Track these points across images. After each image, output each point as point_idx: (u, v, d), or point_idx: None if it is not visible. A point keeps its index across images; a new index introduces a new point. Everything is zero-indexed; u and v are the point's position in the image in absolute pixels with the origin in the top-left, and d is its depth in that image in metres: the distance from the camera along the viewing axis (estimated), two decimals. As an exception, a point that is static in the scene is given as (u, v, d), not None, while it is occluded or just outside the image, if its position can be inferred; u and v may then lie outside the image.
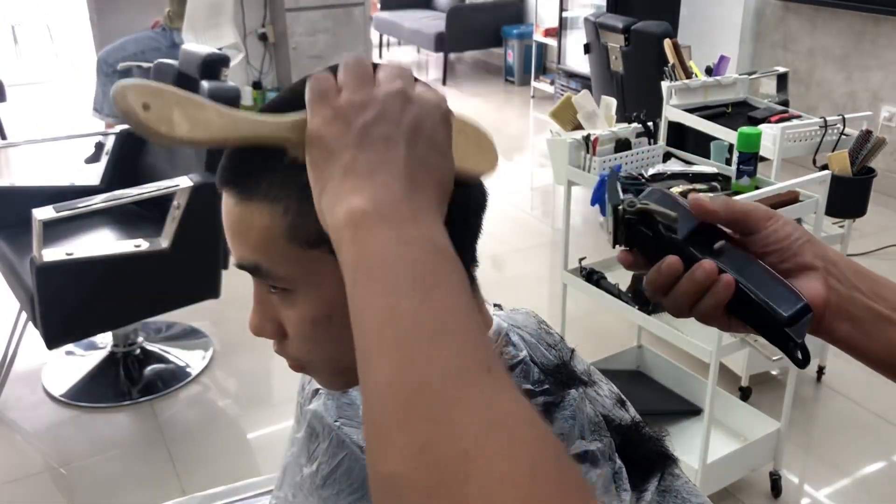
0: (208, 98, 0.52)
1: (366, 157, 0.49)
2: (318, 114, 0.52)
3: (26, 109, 5.92)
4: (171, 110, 0.50)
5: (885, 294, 0.60)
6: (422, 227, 0.48)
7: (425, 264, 0.46)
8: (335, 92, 0.52)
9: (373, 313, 0.45)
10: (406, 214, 0.48)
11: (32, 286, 2.26)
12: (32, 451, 2.50)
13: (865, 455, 2.48)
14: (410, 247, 0.46)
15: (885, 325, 0.59)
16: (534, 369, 0.67)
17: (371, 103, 0.51)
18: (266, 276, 0.60)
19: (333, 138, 0.50)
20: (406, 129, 0.51)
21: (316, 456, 0.75)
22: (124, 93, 0.48)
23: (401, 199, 0.48)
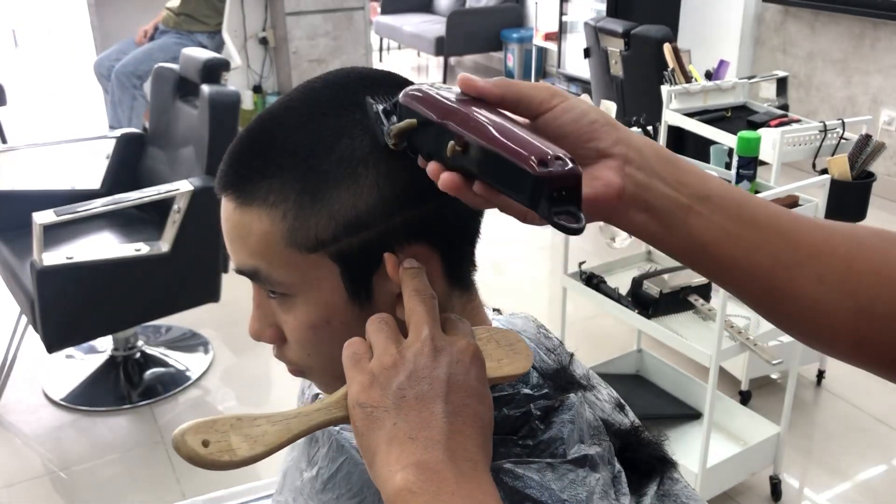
0: None
1: (405, 423, 0.52)
2: (355, 380, 0.54)
3: (27, 113, 5.92)
4: (228, 438, 0.53)
5: (688, 181, 0.55)
6: (465, 496, 0.50)
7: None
8: (368, 355, 0.55)
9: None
10: (450, 486, 0.50)
11: (33, 290, 2.26)
12: (32, 455, 2.50)
13: (865, 459, 2.48)
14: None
15: (683, 213, 0.54)
16: (533, 374, 0.67)
17: (401, 363, 0.53)
18: (265, 280, 0.61)
19: (373, 405, 0.53)
20: (439, 385, 0.53)
21: (316, 460, 0.75)
22: (183, 439, 0.52)
23: (443, 467, 0.50)
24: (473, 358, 0.55)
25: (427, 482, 0.50)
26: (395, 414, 0.52)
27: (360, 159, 0.58)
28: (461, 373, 0.54)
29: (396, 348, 0.54)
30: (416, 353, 0.54)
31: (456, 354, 0.54)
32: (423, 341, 0.54)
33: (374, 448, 0.52)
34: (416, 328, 0.55)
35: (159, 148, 2.89)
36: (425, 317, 0.56)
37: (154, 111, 2.97)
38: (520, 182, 0.49)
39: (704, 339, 2.00)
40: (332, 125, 0.58)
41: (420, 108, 0.55)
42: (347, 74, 0.62)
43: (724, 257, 0.55)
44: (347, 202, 0.57)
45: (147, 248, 2.40)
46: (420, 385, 0.52)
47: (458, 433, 0.52)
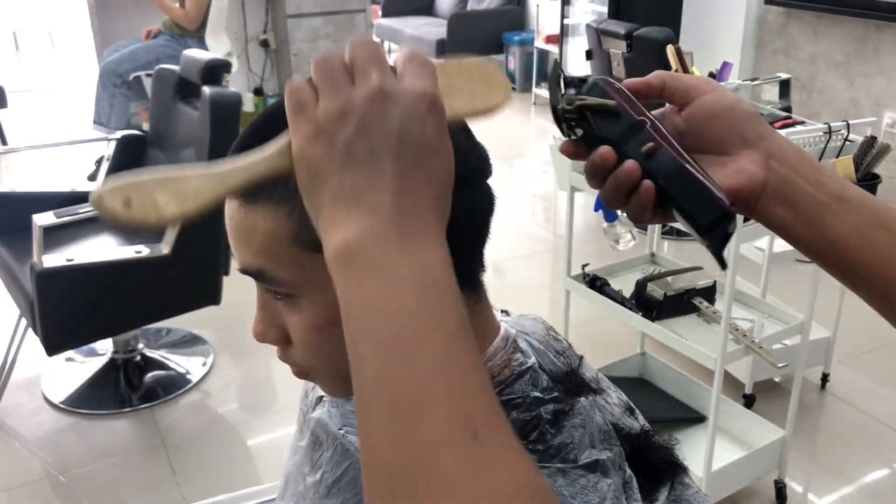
0: None
1: (351, 179, 0.47)
2: (300, 130, 0.49)
3: (27, 115, 5.92)
4: (153, 196, 0.48)
5: (826, 182, 0.58)
6: (411, 259, 0.46)
7: (412, 314, 0.44)
8: (313, 101, 0.49)
9: (365, 373, 0.44)
10: (394, 250, 0.46)
11: (32, 292, 2.25)
12: (32, 459, 2.49)
13: (870, 463, 2.46)
14: (396, 292, 0.45)
15: (821, 211, 0.57)
16: (542, 376, 0.66)
17: (349, 112, 0.47)
18: (270, 281, 0.59)
19: (318, 159, 0.48)
20: (391, 137, 0.47)
21: (320, 465, 0.73)
22: (100, 199, 0.47)
23: (388, 230, 0.46)
24: (431, 106, 0.49)
25: (371, 246, 0.46)
26: (340, 171, 0.47)
27: None
28: (416, 125, 0.48)
29: (345, 94, 0.48)
30: (365, 100, 0.47)
31: (411, 103, 0.48)
32: (372, 86, 0.48)
33: (319, 206, 0.48)
34: (363, 72, 0.48)
35: (160, 149, 2.88)
36: (371, 61, 0.49)
37: (155, 113, 2.96)
38: (703, 206, 0.56)
39: (709, 342, 1.99)
40: None
41: (618, 98, 0.60)
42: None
43: (855, 257, 0.58)
44: None
45: (147, 250, 2.38)
46: (370, 139, 0.47)
47: (408, 193, 0.47)
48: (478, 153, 0.62)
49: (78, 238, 2.60)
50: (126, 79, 4.46)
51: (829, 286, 2.79)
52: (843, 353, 2.87)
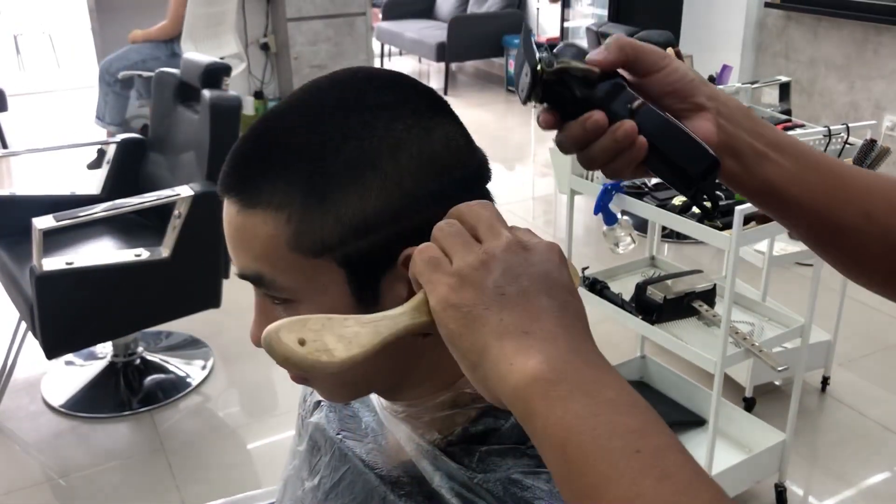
0: None
1: (514, 317, 0.48)
2: (440, 283, 0.50)
3: (28, 119, 5.92)
4: (322, 337, 0.49)
5: (763, 132, 0.64)
6: (609, 384, 0.46)
7: (641, 433, 0.45)
8: (446, 259, 0.51)
9: (615, 493, 0.43)
10: (588, 375, 0.46)
11: (32, 295, 2.25)
12: (31, 462, 2.48)
13: (871, 466, 2.46)
14: (615, 413, 0.45)
15: (760, 159, 0.64)
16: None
17: (492, 261, 0.49)
18: (269, 286, 0.59)
19: (470, 304, 0.48)
20: (539, 279, 0.49)
21: (318, 469, 0.73)
22: (278, 336, 0.48)
23: (572, 355, 0.47)
24: (561, 256, 0.52)
25: (561, 371, 0.46)
26: (498, 311, 0.48)
27: (368, 161, 0.56)
28: (555, 270, 0.51)
29: (482, 247, 0.50)
30: (505, 250, 0.50)
31: (545, 252, 0.51)
32: (508, 239, 0.51)
33: (482, 346, 0.48)
34: (492, 230, 0.51)
35: (160, 153, 2.88)
36: (495, 219, 0.52)
37: (155, 116, 2.97)
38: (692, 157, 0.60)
39: (709, 346, 1.99)
40: (339, 126, 0.57)
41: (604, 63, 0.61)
42: (354, 74, 0.61)
43: (790, 196, 0.65)
44: (355, 205, 0.56)
45: (147, 253, 2.38)
46: (519, 281, 0.49)
47: (570, 327, 0.48)
48: (477, 158, 0.62)
49: (78, 241, 2.60)
50: (117, 77, 4.64)
51: (830, 289, 2.80)
52: (844, 357, 2.87)
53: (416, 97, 0.60)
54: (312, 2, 5.66)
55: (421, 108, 0.59)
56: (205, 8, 4.60)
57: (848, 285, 2.65)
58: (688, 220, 1.98)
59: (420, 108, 0.59)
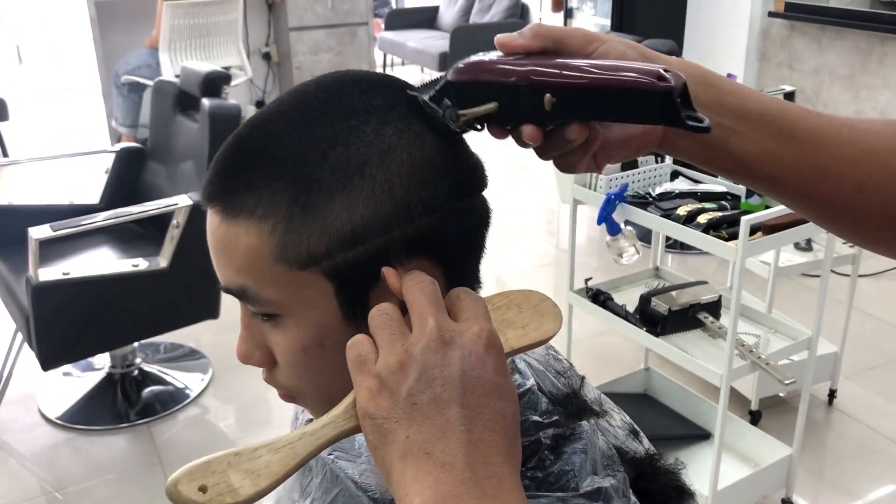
0: None
1: (419, 435, 0.47)
2: (362, 387, 0.49)
3: (29, 128, 5.92)
4: (227, 478, 0.48)
5: (727, 101, 0.56)
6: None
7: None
8: (373, 355, 0.49)
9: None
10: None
11: (28, 306, 2.22)
12: (28, 475, 2.45)
13: (879, 480, 2.42)
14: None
15: (725, 134, 0.56)
16: (542, 399, 0.63)
17: (409, 362, 0.48)
18: (253, 300, 0.56)
19: (382, 416, 0.48)
20: (453, 385, 0.47)
21: (309, 491, 0.70)
22: (177, 488, 0.47)
23: (463, 487, 0.45)
24: (488, 346, 0.49)
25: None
26: (406, 425, 0.47)
27: (356, 168, 0.53)
28: (476, 367, 0.48)
29: (403, 345, 0.49)
30: (424, 350, 0.48)
31: (468, 346, 0.48)
32: (429, 335, 0.48)
33: (389, 465, 0.48)
34: (420, 320, 0.50)
35: (159, 162, 2.86)
36: (427, 306, 0.50)
37: (154, 125, 2.95)
38: (642, 105, 0.51)
39: (714, 358, 1.96)
40: (326, 131, 0.54)
41: (489, 78, 0.54)
42: (342, 77, 0.58)
43: (768, 174, 0.58)
44: (342, 214, 0.53)
45: (145, 263, 2.36)
46: (432, 388, 0.47)
47: (478, 442, 0.46)
48: (473, 164, 0.59)
49: (76, 251, 2.58)
50: (118, 81, 4.87)
51: (836, 301, 2.77)
52: (851, 369, 2.83)
53: (406, 100, 0.57)
54: (314, 11, 5.66)
55: (411, 111, 0.56)
56: (186, 19, 4.65)
57: (855, 297, 2.62)
58: (692, 230, 1.95)
59: (410, 111, 0.56)
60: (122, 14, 5.28)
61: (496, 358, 0.49)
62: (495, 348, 0.49)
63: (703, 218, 1.98)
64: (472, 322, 0.50)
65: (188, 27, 4.69)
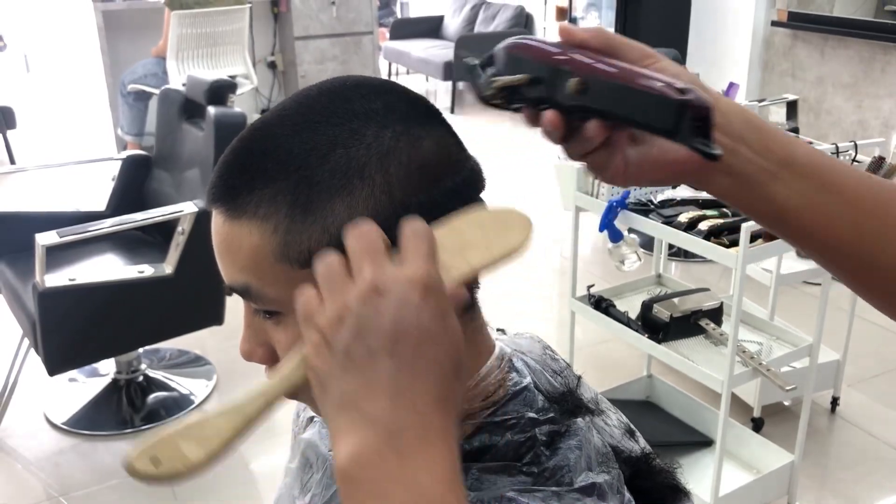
0: None
1: (349, 386, 0.47)
2: (308, 339, 0.50)
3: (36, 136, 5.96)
4: (178, 448, 0.50)
5: (773, 147, 0.56)
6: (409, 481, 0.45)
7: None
8: (319, 308, 0.49)
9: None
10: (392, 470, 0.46)
11: (34, 312, 2.24)
12: (33, 480, 2.47)
13: (881, 489, 2.42)
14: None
15: (766, 179, 0.55)
16: (538, 396, 0.64)
17: (346, 314, 0.48)
18: (256, 297, 0.58)
19: (322, 369, 0.48)
20: (384, 335, 0.47)
21: (309, 487, 0.72)
22: (131, 465, 0.49)
23: (387, 444, 0.46)
24: (425, 291, 0.48)
25: (369, 467, 0.46)
26: (340, 378, 0.47)
27: (356, 170, 0.55)
28: (409, 315, 0.47)
29: (342, 296, 0.48)
30: (358, 299, 0.47)
31: (402, 293, 0.47)
32: (364, 283, 0.48)
33: (326, 417, 0.49)
34: (357, 269, 0.49)
35: (165, 170, 2.88)
36: (364, 254, 0.49)
37: (160, 133, 2.97)
38: (657, 111, 0.51)
39: (716, 364, 1.96)
40: (327, 134, 0.56)
41: (529, 56, 0.56)
42: (344, 82, 0.60)
43: (804, 224, 0.56)
44: (342, 215, 0.54)
45: (151, 270, 2.37)
46: (366, 339, 0.47)
47: (406, 391, 0.47)
48: (470, 166, 0.61)
49: (82, 258, 2.60)
50: (125, 90, 4.92)
51: (838, 308, 2.77)
52: (853, 377, 2.83)
53: (405, 105, 0.58)
54: (320, 21, 5.70)
55: (411, 115, 0.58)
56: (193, 28, 4.69)
57: (857, 304, 2.62)
58: (694, 237, 1.96)
59: (410, 115, 0.58)
60: (129, 24, 5.32)
61: (433, 305, 0.48)
62: (432, 294, 0.48)
63: (704, 225, 1.99)
64: (409, 266, 0.49)
65: (195, 36, 4.73)
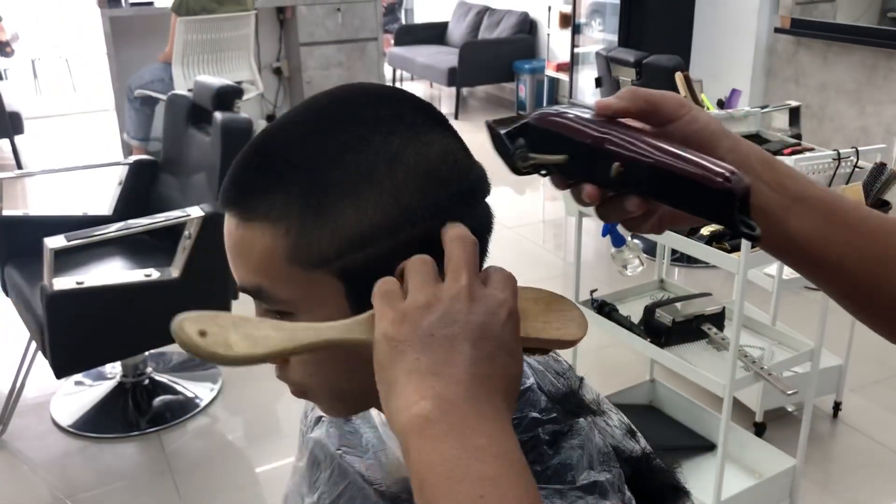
0: None
1: (429, 359, 0.50)
2: (386, 316, 0.52)
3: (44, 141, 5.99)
4: (227, 333, 0.51)
5: (788, 184, 0.60)
6: (486, 435, 0.48)
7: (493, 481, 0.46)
8: (401, 294, 0.53)
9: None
10: (471, 422, 0.48)
11: (42, 315, 2.26)
12: (39, 482, 2.48)
13: (883, 493, 2.43)
14: (476, 460, 0.47)
15: (783, 213, 0.60)
16: (541, 397, 0.66)
17: (436, 304, 0.51)
18: (267, 298, 0.59)
19: (400, 340, 0.51)
20: (471, 329, 0.51)
21: (318, 486, 0.73)
22: (182, 325, 0.50)
23: (464, 402, 0.48)
24: (510, 314, 0.52)
25: (446, 413, 0.48)
26: (419, 350, 0.50)
27: (365, 175, 0.57)
28: (496, 324, 0.51)
29: (433, 290, 0.52)
30: (452, 297, 0.51)
31: (493, 306, 0.52)
32: (461, 287, 0.52)
33: (393, 379, 0.50)
34: (455, 273, 0.53)
35: (171, 174, 2.90)
36: (465, 262, 0.53)
37: (167, 138, 2.99)
38: (700, 198, 0.53)
39: (717, 369, 1.97)
40: (336, 140, 0.57)
41: (567, 133, 0.57)
42: (353, 89, 0.61)
43: (815, 254, 0.60)
44: (351, 218, 0.56)
45: (157, 273, 2.39)
46: (452, 327, 0.50)
47: (483, 377, 0.50)
48: (476, 171, 0.62)
49: (89, 262, 2.62)
50: (131, 95, 4.95)
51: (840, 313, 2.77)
52: (855, 382, 2.84)
53: (413, 112, 0.60)
54: (325, 27, 5.72)
55: (418, 122, 0.59)
56: (199, 35, 4.71)
57: (859, 310, 2.63)
58: (696, 242, 1.97)
59: (417, 122, 0.59)
60: (136, 30, 5.35)
61: (514, 327, 0.53)
62: (515, 319, 0.53)
63: (706, 229, 2.01)
64: (501, 291, 0.53)
65: (201, 42, 4.76)
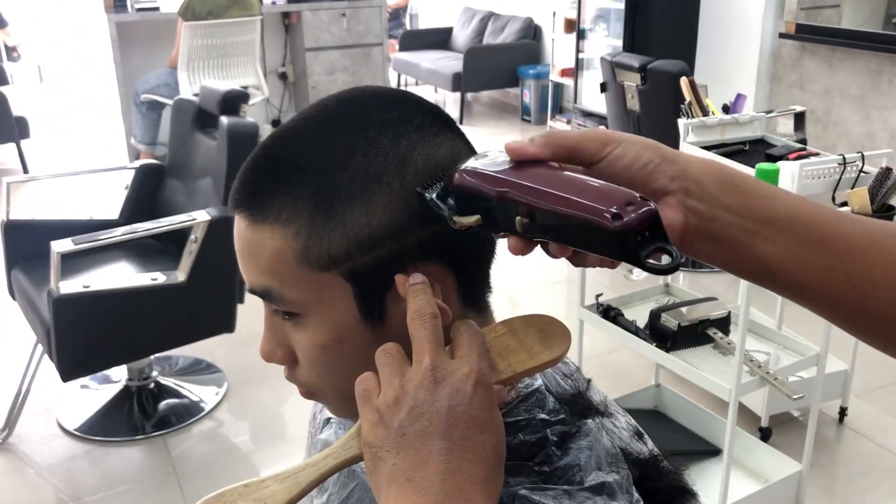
0: None
1: (404, 463, 0.51)
2: (365, 419, 0.54)
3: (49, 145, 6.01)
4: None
5: (753, 205, 0.55)
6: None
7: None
8: (377, 390, 0.54)
9: None
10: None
11: (49, 318, 2.27)
12: (45, 486, 2.49)
13: (890, 499, 2.42)
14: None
15: (749, 239, 0.54)
16: (549, 398, 0.66)
17: (403, 398, 0.53)
18: (277, 300, 0.60)
19: (378, 445, 0.53)
20: (439, 419, 0.52)
21: (326, 487, 0.73)
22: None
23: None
24: (476, 385, 0.53)
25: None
26: (395, 453, 0.52)
27: (373, 177, 0.57)
28: (462, 404, 0.52)
29: (400, 381, 0.53)
30: (417, 387, 0.53)
31: (457, 384, 0.53)
32: (424, 372, 0.53)
33: (377, 488, 0.53)
34: (418, 356, 0.54)
35: (177, 179, 2.91)
36: (426, 343, 0.54)
37: (173, 142, 3.00)
38: (600, 239, 0.49)
39: (723, 373, 1.97)
40: (345, 142, 0.58)
41: (476, 187, 0.55)
42: (361, 92, 0.62)
43: (794, 280, 0.55)
44: (360, 220, 0.57)
45: (163, 277, 2.40)
46: (420, 421, 0.52)
47: (455, 472, 0.51)
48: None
49: (95, 265, 2.63)
50: (138, 100, 5.01)
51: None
52: (861, 387, 2.83)
53: (421, 114, 0.60)
54: (330, 32, 5.74)
55: (426, 124, 0.60)
56: (205, 39, 4.74)
57: (865, 315, 2.62)
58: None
59: (425, 124, 0.60)
60: (143, 34, 5.38)
61: (483, 396, 0.53)
62: (483, 386, 0.53)
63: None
64: (465, 361, 0.54)
65: (207, 47, 4.78)
